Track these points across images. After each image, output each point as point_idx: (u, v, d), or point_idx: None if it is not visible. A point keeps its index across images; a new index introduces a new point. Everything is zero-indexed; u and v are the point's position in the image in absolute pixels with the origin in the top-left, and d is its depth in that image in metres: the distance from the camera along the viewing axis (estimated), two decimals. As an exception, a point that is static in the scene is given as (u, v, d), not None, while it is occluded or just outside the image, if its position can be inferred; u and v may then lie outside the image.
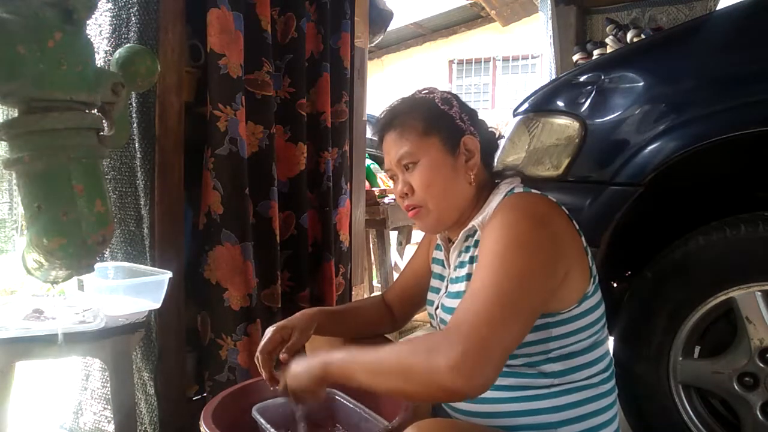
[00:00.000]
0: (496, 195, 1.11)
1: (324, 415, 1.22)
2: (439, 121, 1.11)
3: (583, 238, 1.06)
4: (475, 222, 1.09)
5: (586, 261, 1.05)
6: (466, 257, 1.13)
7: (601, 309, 1.09)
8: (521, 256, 0.94)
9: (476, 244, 1.09)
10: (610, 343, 1.27)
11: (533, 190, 1.10)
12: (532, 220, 0.99)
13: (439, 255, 1.27)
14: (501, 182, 1.14)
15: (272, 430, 1.06)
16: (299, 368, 1.05)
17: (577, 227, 1.06)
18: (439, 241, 1.27)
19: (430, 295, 1.27)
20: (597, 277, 1.08)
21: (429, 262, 1.32)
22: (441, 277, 1.25)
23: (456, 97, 1.17)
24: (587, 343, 1.05)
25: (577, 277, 1.02)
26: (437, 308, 1.20)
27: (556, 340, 1.02)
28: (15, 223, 1.57)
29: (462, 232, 1.13)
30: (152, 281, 1.39)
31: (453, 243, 1.19)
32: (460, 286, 1.11)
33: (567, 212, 1.07)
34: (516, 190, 1.09)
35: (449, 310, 1.12)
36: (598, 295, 1.08)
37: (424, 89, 1.19)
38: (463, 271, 1.12)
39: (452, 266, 1.17)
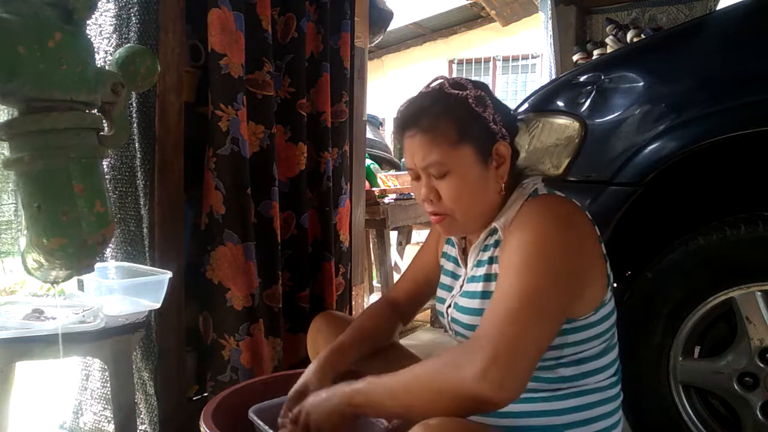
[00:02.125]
0: (518, 194, 1.07)
1: None
2: (473, 127, 1.02)
3: (603, 245, 1.04)
4: (497, 223, 1.06)
5: (606, 268, 1.04)
6: (484, 257, 1.09)
7: (615, 315, 1.07)
8: (546, 258, 0.92)
9: (496, 244, 1.07)
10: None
11: (557, 192, 1.07)
12: (557, 222, 0.97)
13: (451, 251, 1.24)
14: (523, 181, 1.10)
15: (270, 430, 1.06)
16: (319, 400, 1.00)
17: (599, 233, 1.04)
18: (451, 237, 1.23)
19: (441, 293, 1.23)
20: (613, 285, 1.07)
21: (438, 256, 1.30)
22: (454, 275, 1.21)
23: (488, 91, 1.07)
24: (599, 348, 1.04)
25: (597, 284, 1.01)
26: (449, 306, 1.17)
27: (571, 346, 1.01)
28: (20, 225, 1.57)
29: (483, 231, 1.09)
30: (152, 281, 1.39)
31: (468, 240, 1.16)
32: (477, 286, 1.09)
33: (590, 217, 1.04)
34: (540, 191, 1.06)
35: (463, 309, 1.10)
36: (613, 302, 1.07)
37: (452, 81, 1.07)
38: (481, 271, 1.09)
39: (470, 265, 1.14)
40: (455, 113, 1.02)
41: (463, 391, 0.83)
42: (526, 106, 1.72)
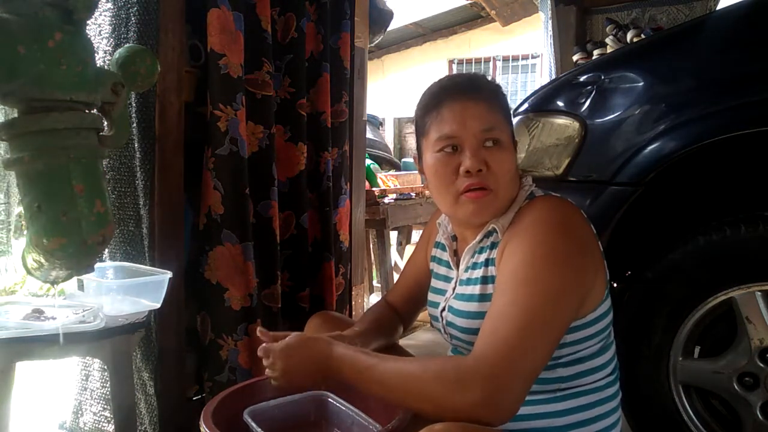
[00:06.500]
0: (520, 195, 1.08)
1: (315, 416, 1.21)
2: (510, 113, 1.12)
3: (600, 243, 1.04)
4: (497, 224, 1.05)
5: (604, 266, 1.04)
6: (480, 258, 1.09)
7: (611, 313, 1.07)
8: (552, 270, 0.91)
9: (492, 245, 1.07)
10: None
11: (552, 193, 1.08)
12: (560, 228, 0.96)
13: (443, 255, 1.23)
14: (521, 181, 1.12)
15: None
16: (300, 355, 1.01)
17: (595, 231, 1.04)
18: (441, 240, 1.22)
19: (433, 297, 1.23)
20: (610, 282, 1.07)
21: (428, 260, 1.30)
22: (446, 279, 1.21)
23: None
24: (596, 348, 1.04)
25: (597, 285, 1.01)
26: (443, 310, 1.16)
27: (569, 346, 1.01)
28: (10, 225, 1.57)
29: (481, 232, 1.09)
30: (152, 281, 1.39)
31: (459, 242, 1.16)
32: (474, 289, 1.08)
33: (585, 216, 1.04)
34: (536, 194, 1.07)
35: (459, 313, 1.10)
36: (609, 300, 1.07)
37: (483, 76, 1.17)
38: (477, 273, 1.08)
39: (463, 267, 1.13)
40: (504, 95, 1.12)
41: (461, 412, 0.83)
42: (526, 106, 1.72)
